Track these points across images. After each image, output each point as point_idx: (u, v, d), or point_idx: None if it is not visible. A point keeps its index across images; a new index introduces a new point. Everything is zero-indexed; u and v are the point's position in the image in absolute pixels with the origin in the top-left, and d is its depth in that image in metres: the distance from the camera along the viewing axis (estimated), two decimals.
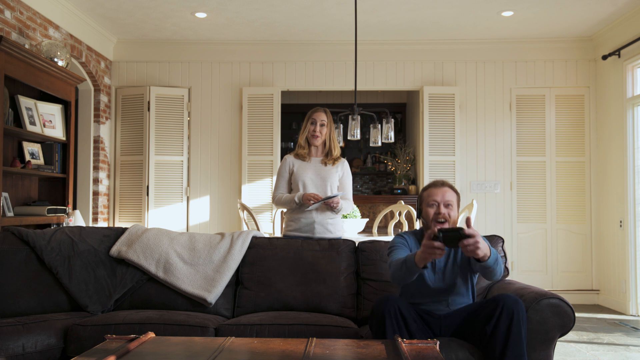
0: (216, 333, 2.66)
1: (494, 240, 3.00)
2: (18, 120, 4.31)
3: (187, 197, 6.33)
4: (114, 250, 3.15)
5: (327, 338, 2.45)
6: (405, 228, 4.95)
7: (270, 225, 6.11)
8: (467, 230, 2.17)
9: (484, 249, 2.22)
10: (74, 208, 5.76)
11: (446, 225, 2.53)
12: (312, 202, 3.31)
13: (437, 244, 2.18)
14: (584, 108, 6.23)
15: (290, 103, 8.10)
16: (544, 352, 2.43)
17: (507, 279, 2.99)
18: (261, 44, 6.34)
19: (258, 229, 4.95)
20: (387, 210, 5.14)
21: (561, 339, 4.25)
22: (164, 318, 2.70)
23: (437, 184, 2.64)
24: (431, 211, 2.57)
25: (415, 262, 2.29)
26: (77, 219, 4.86)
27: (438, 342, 1.96)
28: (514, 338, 2.23)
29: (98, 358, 1.77)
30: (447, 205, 2.56)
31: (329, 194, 3.44)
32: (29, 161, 4.35)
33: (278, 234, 5.81)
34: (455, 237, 2.17)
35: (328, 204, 3.37)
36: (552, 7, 5.29)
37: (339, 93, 8.48)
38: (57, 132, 4.68)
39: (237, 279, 3.15)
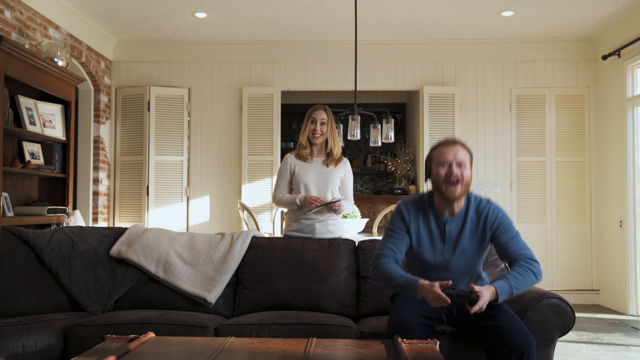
0: (216, 333, 2.66)
1: None
2: (18, 120, 4.31)
3: (187, 197, 6.33)
4: (114, 250, 3.15)
5: (327, 337, 2.46)
6: None
7: (270, 225, 6.11)
8: (477, 304, 2.10)
9: (486, 303, 2.15)
10: (74, 208, 5.76)
11: (459, 187, 2.32)
12: (314, 205, 3.31)
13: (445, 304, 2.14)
14: (584, 108, 6.22)
15: (290, 103, 8.09)
16: (544, 352, 2.43)
17: None
18: (261, 44, 6.34)
19: (258, 229, 4.95)
20: (387, 210, 5.14)
21: (561, 339, 4.25)
22: (164, 318, 2.69)
23: (449, 142, 2.39)
24: (442, 171, 2.34)
25: (415, 291, 2.20)
26: (77, 219, 4.85)
27: (438, 342, 1.96)
28: None
29: (98, 358, 1.77)
30: (459, 165, 2.34)
31: (330, 198, 3.41)
32: (29, 161, 4.35)
33: (278, 234, 5.81)
34: (464, 301, 2.15)
35: (330, 208, 3.37)
36: (552, 7, 5.29)
37: (339, 93, 8.47)
38: (57, 132, 4.68)
39: (237, 279, 3.15)
